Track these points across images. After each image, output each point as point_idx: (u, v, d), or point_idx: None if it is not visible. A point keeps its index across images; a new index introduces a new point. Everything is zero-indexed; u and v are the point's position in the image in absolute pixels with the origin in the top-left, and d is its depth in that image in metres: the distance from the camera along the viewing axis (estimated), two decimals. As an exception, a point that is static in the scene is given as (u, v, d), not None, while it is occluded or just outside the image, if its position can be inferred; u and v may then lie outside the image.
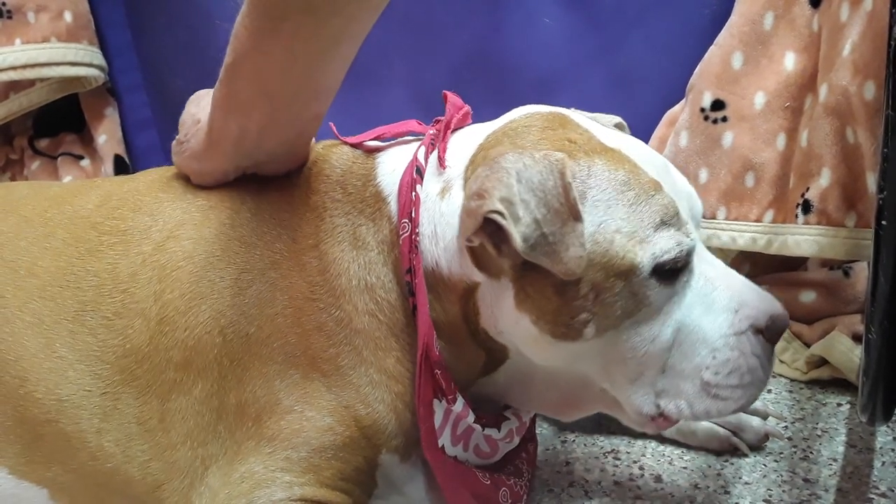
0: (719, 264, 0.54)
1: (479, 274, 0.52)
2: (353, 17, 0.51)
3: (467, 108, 0.60)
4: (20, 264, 0.59)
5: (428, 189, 0.55)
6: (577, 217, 0.48)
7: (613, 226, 0.49)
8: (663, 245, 0.49)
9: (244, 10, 0.51)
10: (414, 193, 0.54)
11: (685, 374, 0.51)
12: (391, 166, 0.58)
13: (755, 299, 0.52)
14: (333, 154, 0.61)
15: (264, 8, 0.50)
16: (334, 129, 0.61)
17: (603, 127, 0.56)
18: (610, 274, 0.49)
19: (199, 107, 0.62)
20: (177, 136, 0.62)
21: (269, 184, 0.60)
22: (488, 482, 0.58)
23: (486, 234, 0.49)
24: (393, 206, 0.56)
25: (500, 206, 0.46)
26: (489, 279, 0.52)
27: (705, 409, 0.52)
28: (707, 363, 0.51)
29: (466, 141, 0.56)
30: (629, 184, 0.50)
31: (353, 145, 0.61)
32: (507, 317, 0.52)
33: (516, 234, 0.46)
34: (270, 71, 0.53)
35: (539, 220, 0.47)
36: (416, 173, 0.55)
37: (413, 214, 0.54)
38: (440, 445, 0.55)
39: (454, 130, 0.58)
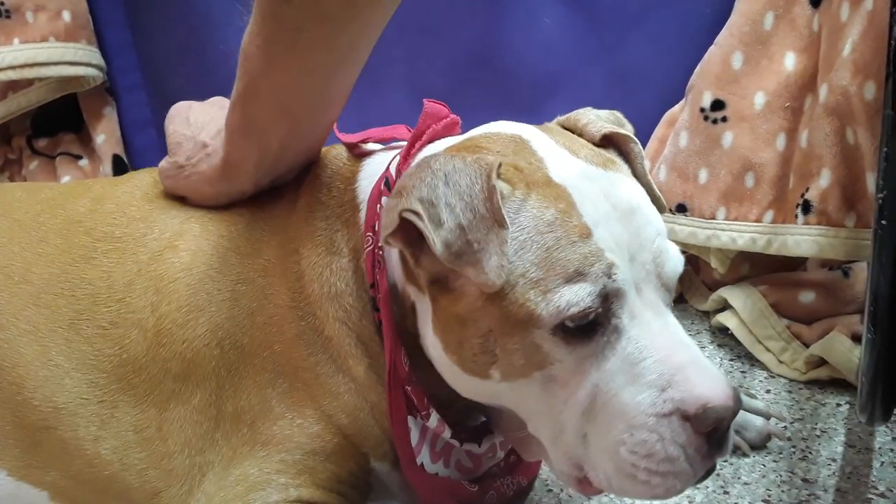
0: (671, 330, 0.46)
1: (411, 287, 0.50)
2: (368, 22, 0.50)
3: (452, 118, 0.57)
4: (14, 270, 0.59)
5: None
6: (502, 224, 0.44)
7: (520, 269, 0.44)
8: (570, 298, 0.43)
9: (253, 30, 0.50)
10: (379, 206, 0.52)
11: (603, 446, 0.46)
12: (370, 173, 0.57)
13: (692, 381, 0.44)
14: (329, 154, 0.60)
15: (278, 22, 0.48)
16: (335, 128, 0.61)
17: (567, 156, 0.50)
18: (509, 320, 0.44)
19: (193, 126, 0.60)
20: (172, 159, 0.60)
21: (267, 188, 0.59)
22: (475, 488, 0.56)
23: (404, 237, 0.45)
24: (363, 215, 0.54)
25: (417, 206, 0.43)
26: (419, 294, 0.49)
27: (622, 487, 0.46)
28: (624, 439, 0.45)
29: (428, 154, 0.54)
30: (553, 226, 0.45)
31: (348, 146, 0.61)
32: (429, 339, 0.49)
33: (435, 237, 0.42)
34: (288, 87, 0.52)
35: (464, 226, 0.43)
36: (384, 185, 0.53)
37: (376, 227, 0.52)
38: (419, 463, 0.53)
39: (432, 140, 0.55)
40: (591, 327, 0.44)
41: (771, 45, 0.83)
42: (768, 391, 0.81)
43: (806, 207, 0.80)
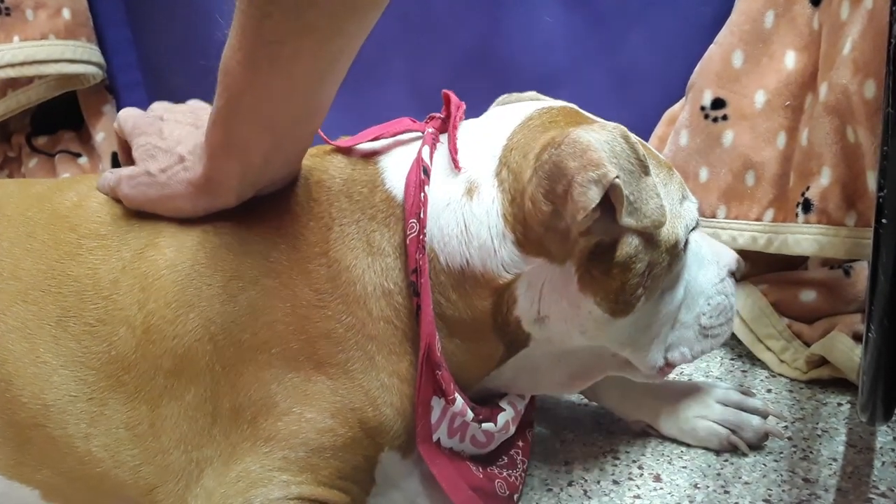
0: None
1: (537, 261, 0.53)
2: (352, 34, 0.49)
3: (463, 105, 0.61)
4: (3, 266, 0.59)
5: (445, 189, 0.54)
6: (647, 172, 0.51)
7: None
8: (689, 215, 0.56)
9: (233, 45, 0.49)
10: (422, 194, 0.54)
11: (687, 323, 0.59)
12: (399, 169, 0.57)
13: (722, 248, 0.62)
14: (330, 163, 0.59)
15: (259, 35, 0.47)
16: (322, 134, 0.61)
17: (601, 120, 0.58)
18: (662, 250, 0.54)
19: (167, 139, 0.59)
20: (142, 167, 0.58)
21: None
22: (481, 475, 0.58)
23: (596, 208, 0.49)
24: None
25: (618, 171, 0.48)
26: (550, 265, 0.53)
27: (701, 349, 0.60)
28: (704, 310, 0.59)
29: (480, 141, 0.56)
30: (658, 167, 0.55)
31: (344, 150, 0.60)
32: (564, 301, 0.54)
33: (626, 199, 0.49)
34: (271, 102, 0.51)
35: (621, 184, 0.49)
36: (423, 174, 0.55)
37: (421, 215, 0.53)
38: (436, 439, 0.55)
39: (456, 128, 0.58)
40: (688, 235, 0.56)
41: (771, 43, 0.83)
42: (769, 390, 0.81)
43: (806, 206, 0.80)
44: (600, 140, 0.49)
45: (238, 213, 0.57)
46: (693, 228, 0.56)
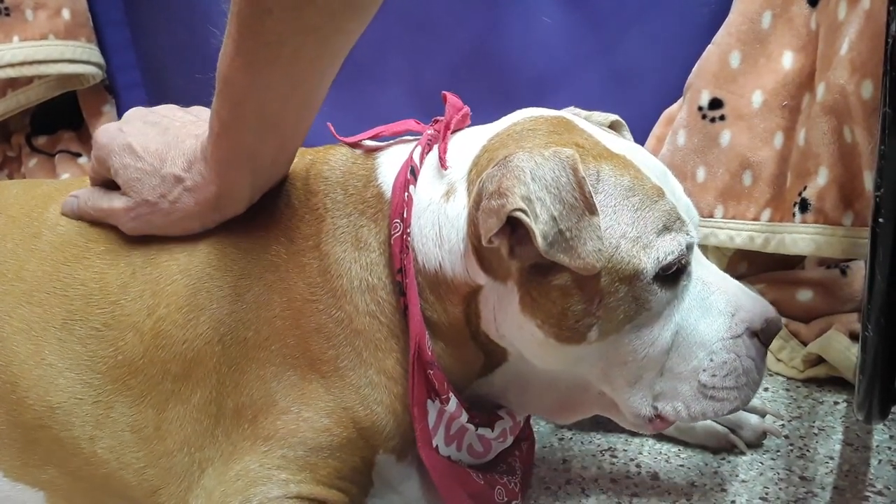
0: (714, 268, 0.55)
1: (484, 277, 0.52)
2: (351, 31, 0.49)
3: (466, 109, 0.60)
4: (7, 267, 0.58)
5: (428, 190, 0.54)
6: (592, 211, 0.48)
7: (619, 231, 0.49)
8: (666, 248, 0.49)
9: (229, 52, 0.49)
10: (406, 194, 0.54)
11: (682, 376, 0.52)
12: (393, 167, 0.57)
13: (750, 303, 0.53)
14: (332, 155, 0.60)
15: (258, 37, 0.47)
16: (332, 129, 0.61)
17: (604, 132, 0.56)
18: (615, 278, 0.49)
19: (144, 158, 0.56)
20: (136, 197, 0.56)
21: None
22: (482, 482, 0.58)
23: (505, 234, 0.48)
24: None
25: (522, 205, 0.46)
26: (494, 282, 0.52)
27: (702, 411, 0.53)
28: (704, 365, 0.52)
29: (467, 143, 0.56)
30: (634, 189, 0.50)
31: (350, 145, 0.61)
32: (510, 320, 0.52)
33: (537, 232, 0.46)
34: (274, 104, 0.51)
35: (556, 217, 0.47)
36: (410, 174, 0.55)
37: (405, 215, 0.54)
38: (434, 445, 0.55)
39: (453, 132, 0.58)
40: (678, 273, 0.51)
41: (769, 43, 0.83)
42: (766, 389, 0.81)
43: (803, 206, 0.80)
44: (538, 169, 0.47)
45: (248, 209, 0.57)
46: (675, 265, 0.50)
